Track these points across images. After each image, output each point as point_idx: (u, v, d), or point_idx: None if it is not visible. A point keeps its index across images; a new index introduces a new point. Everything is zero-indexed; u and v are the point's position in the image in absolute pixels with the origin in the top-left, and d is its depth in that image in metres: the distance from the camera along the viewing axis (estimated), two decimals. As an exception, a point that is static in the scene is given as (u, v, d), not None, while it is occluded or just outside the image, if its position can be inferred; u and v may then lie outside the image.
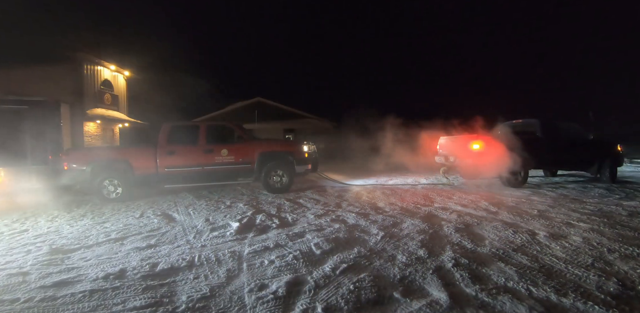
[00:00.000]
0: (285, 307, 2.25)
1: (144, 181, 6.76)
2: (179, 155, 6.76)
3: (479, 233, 3.81)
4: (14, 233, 4.21)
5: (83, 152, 7.16)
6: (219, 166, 6.87)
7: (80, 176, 6.52)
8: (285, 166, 7.02)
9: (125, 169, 6.59)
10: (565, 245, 3.36)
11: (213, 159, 6.85)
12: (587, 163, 8.04)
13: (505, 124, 8.75)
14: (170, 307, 2.28)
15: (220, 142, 6.95)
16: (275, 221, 4.51)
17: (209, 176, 6.87)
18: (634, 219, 4.37)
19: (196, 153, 6.82)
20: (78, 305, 2.33)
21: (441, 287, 2.47)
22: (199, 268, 2.91)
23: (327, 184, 8.14)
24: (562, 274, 2.67)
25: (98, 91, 15.80)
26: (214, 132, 7.03)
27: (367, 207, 5.31)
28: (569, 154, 7.86)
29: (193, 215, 5.08)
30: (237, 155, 6.92)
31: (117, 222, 4.72)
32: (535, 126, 7.89)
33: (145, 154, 6.73)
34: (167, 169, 6.72)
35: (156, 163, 6.69)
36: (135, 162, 6.65)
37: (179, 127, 7.12)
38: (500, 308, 2.17)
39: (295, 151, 7.20)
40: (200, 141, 6.88)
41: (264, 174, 6.92)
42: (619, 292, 2.36)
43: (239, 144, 6.98)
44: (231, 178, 7.02)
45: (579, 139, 8.04)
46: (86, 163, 6.53)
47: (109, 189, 6.50)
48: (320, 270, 2.81)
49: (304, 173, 7.44)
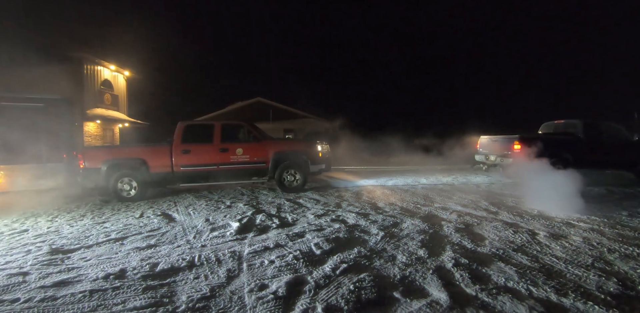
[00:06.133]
0: (285, 307, 2.25)
1: (159, 180, 6.78)
2: (194, 154, 6.77)
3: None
4: (14, 233, 4.21)
5: (99, 151, 7.15)
6: (233, 165, 6.88)
7: (95, 175, 6.53)
8: (299, 166, 7.05)
9: (141, 168, 6.61)
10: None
11: (228, 158, 6.86)
12: (630, 164, 8.10)
13: (547, 124, 8.94)
14: (171, 307, 2.28)
15: (235, 141, 6.99)
16: (275, 221, 4.51)
17: (224, 175, 6.88)
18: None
19: (211, 151, 6.84)
20: (78, 305, 2.33)
21: (441, 286, 2.47)
22: (199, 268, 2.91)
23: (326, 185, 8.14)
24: (564, 274, 2.67)
25: (98, 91, 15.79)
26: (229, 131, 7.06)
27: (367, 207, 5.31)
28: (611, 154, 7.94)
29: (193, 215, 5.08)
30: (252, 154, 6.95)
31: (117, 222, 4.72)
32: (577, 127, 8.02)
33: (160, 153, 6.75)
34: (182, 168, 6.73)
35: (171, 161, 6.71)
36: (151, 161, 6.66)
37: (194, 126, 7.15)
38: (500, 308, 2.17)
39: (310, 150, 7.22)
40: (216, 140, 6.90)
41: (278, 174, 6.95)
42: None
43: (254, 144, 7.01)
44: (245, 177, 7.05)
45: (621, 140, 8.10)
46: (102, 162, 6.54)
47: (124, 188, 6.52)
48: (321, 270, 2.81)
49: (318, 172, 7.47)
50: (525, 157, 7.10)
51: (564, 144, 7.53)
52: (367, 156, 14.37)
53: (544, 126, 9.05)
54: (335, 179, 8.99)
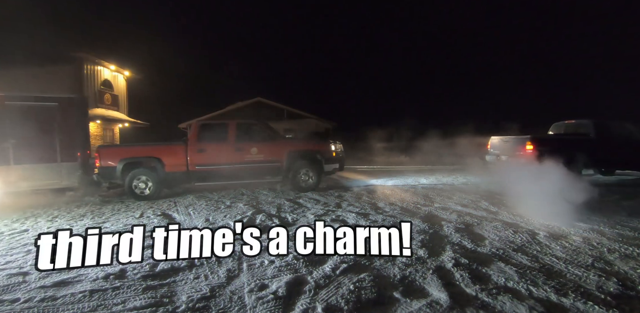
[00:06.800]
0: (285, 307, 2.25)
1: (175, 179, 6.82)
2: (209, 153, 6.79)
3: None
4: (14, 233, 4.21)
5: (115, 149, 7.15)
6: (248, 165, 6.90)
7: (111, 173, 6.57)
8: (313, 165, 7.05)
9: (156, 166, 6.63)
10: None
11: (243, 157, 6.88)
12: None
13: (557, 124, 8.92)
14: (171, 307, 2.28)
15: (250, 140, 7.00)
16: (275, 221, 4.51)
17: (239, 174, 6.88)
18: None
19: (226, 151, 6.86)
20: (78, 305, 2.33)
21: (441, 286, 2.47)
22: (199, 268, 2.91)
23: (327, 184, 8.14)
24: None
25: (98, 91, 15.79)
26: (243, 130, 7.08)
27: (367, 207, 5.31)
28: (624, 154, 7.92)
29: (193, 215, 5.08)
30: (267, 154, 6.96)
31: (117, 222, 4.72)
32: (588, 127, 8.00)
33: (176, 152, 6.78)
34: (197, 166, 6.76)
35: (187, 160, 6.73)
36: (167, 159, 6.69)
37: (209, 125, 7.18)
38: (500, 308, 2.17)
39: (324, 150, 7.24)
40: (231, 139, 6.92)
41: (293, 173, 6.96)
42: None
43: (269, 143, 7.02)
44: (260, 177, 7.06)
45: (633, 139, 8.07)
46: (118, 160, 6.56)
47: (140, 186, 6.53)
48: (321, 270, 2.81)
49: (332, 171, 7.49)
50: (537, 157, 7.11)
51: (577, 144, 7.51)
52: (367, 157, 14.38)
53: (554, 126, 9.03)
54: (334, 179, 8.99)
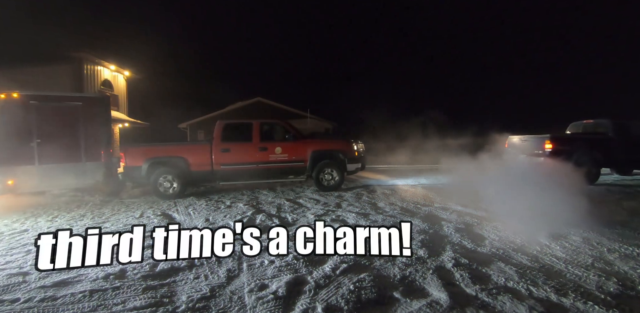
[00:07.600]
0: (285, 307, 2.25)
1: (199, 178, 6.86)
2: (234, 152, 6.83)
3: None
4: (14, 233, 4.21)
5: (141, 149, 7.16)
6: (272, 164, 6.94)
7: (136, 173, 6.60)
8: (337, 165, 7.07)
9: (181, 166, 6.66)
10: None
11: (267, 156, 6.91)
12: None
13: (575, 124, 8.97)
14: (171, 307, 2.28)
15: (274, 140, 7.06)
16: (275, 221, 4.51)
17: (263, 173, 6.93)
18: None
19: (251, 150, 6.90)
20: (78, 305, 2.33)
21: (441, 286, 2.47)
22: (199, 268, 2.91)
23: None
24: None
25: (98, 91, 15.79)
26: (267, 130, 7.14)
27: (367, 207, 5.31)
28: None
29: (193, 215, 5.08)
30: (290, 153, 6.99)
31: (117, 222, 4.71)
32: (607, 126, 8.06)
33: (201, 151, 6.82)
34: (222, 166, 6.79)
35: (212, 160, 6.76)
36: (192, 159, 6.73)
37: (233, 125, 7.21)
38: (500, 308, 2.17)
39: (347, 149, 7.25)
40: (255, 138, 6.95)
41: (316, 173, 6.98)
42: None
43: (292, 142, 7.05)
44: (283, 176, 7.12)
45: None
46: (143, 160, 6.60)
47: (165, 185, 6.57)
48: (321, 270, 2.81)
49: (355, 171, 7.49)
50: (556, 156, 7.11)
51: (596, 143, 7.61)
52: (367, 157, 14.34)
53: (572, 125, 9.10)
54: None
